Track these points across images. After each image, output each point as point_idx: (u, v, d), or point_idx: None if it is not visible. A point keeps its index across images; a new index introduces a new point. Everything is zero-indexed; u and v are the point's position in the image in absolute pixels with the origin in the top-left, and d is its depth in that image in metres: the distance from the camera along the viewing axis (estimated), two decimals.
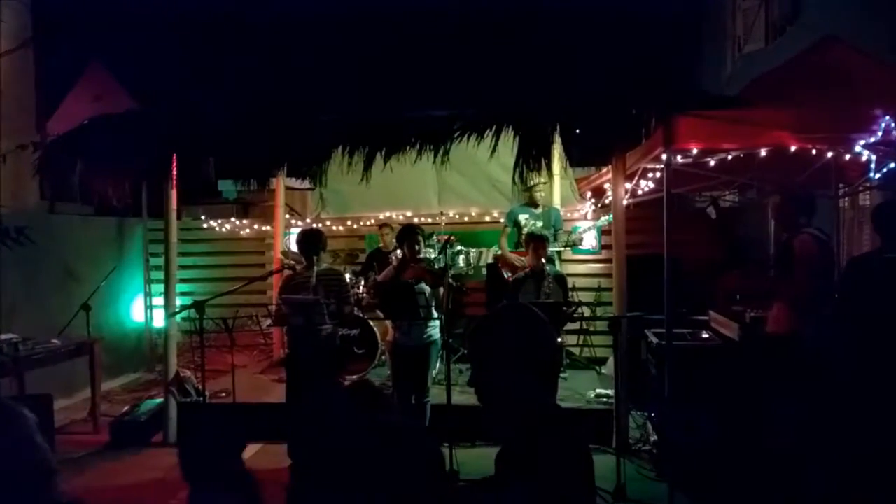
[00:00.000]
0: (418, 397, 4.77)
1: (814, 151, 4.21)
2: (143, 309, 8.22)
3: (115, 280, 7.42)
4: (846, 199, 5.93)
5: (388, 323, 5.02)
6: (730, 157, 4.37)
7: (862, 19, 5.69)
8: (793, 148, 3.99)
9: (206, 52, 9.80)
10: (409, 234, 4.84)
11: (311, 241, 4.74)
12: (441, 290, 4.86)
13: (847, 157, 4.31)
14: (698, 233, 6.49)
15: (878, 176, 4.47)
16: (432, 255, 6.74)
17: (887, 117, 3.74)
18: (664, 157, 4.06)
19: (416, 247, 4.81)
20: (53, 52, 8.99)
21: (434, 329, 4.81)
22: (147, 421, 5.59)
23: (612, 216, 5.29)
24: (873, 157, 4.21)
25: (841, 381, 3.82)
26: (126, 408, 6.00)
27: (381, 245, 7.22)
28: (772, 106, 4.07)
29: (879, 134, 3.78)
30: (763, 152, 4.21)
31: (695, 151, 4.10)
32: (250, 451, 5.09)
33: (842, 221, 5.90)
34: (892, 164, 4.30)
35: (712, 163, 4.44)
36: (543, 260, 5.63)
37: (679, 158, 4.20)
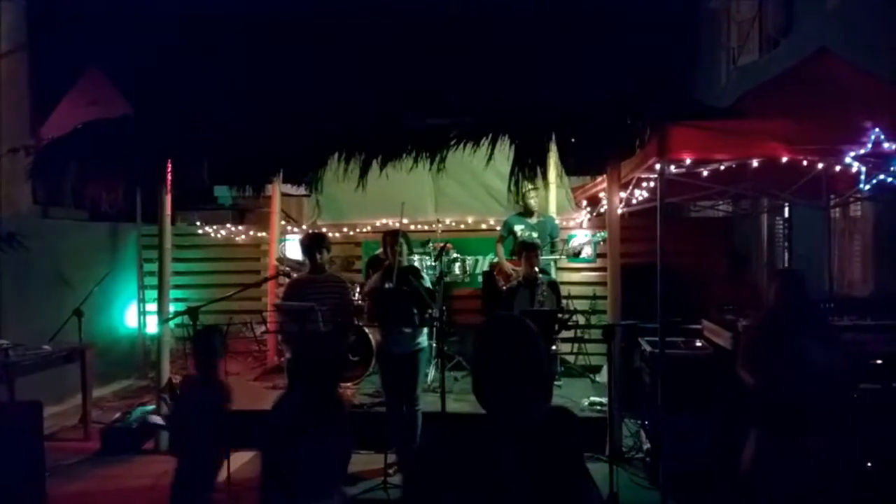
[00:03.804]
0: (408, 406, 4.74)
1: (805, 162, 4.26)
2: (136, 315, 8.19)
3: (108, 285, 7.38)
4: (837, 209, 5.98)
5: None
6: (722, 168, 4.41)
7: (854, 33, 5.77)
8: (784, 159, 4.04)
9: (201, 56, 9.80)
10: (393, 237, 4.84)
11: (316, 243, 4.79)
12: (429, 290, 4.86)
13: (837, 168, 4.36)
14: (692, 242, 6.52)
15: (867, 187, 4.52)
16: (428, 263, 6.75)
17: (877, 129, 3.80)
18: (658, 167, 4.10)
19: (397, 248, 4.79)
20: (49, 54, 8.96)
21: (423, 337, 4.80)
22: (139, 428, 5.55)
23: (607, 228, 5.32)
24: (863, 169, 4.26)
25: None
26: (118, 414, 5.96)
27: (378, 252, 7.22)
28: (764, 117, 4.12)
29: (869, 146, 3.83)
30: (755, 163, 4.25)
31: (688, 162, 4.14)
32: (242, 458, 5.07)
33: (833, 232, 5.96)
34: (882, 176, 4.35)
35: (705, 173, 4.48)
36: (536, 268, 5.65)
37: (673, 168, 4.24)
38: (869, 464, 3.72)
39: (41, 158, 5.52)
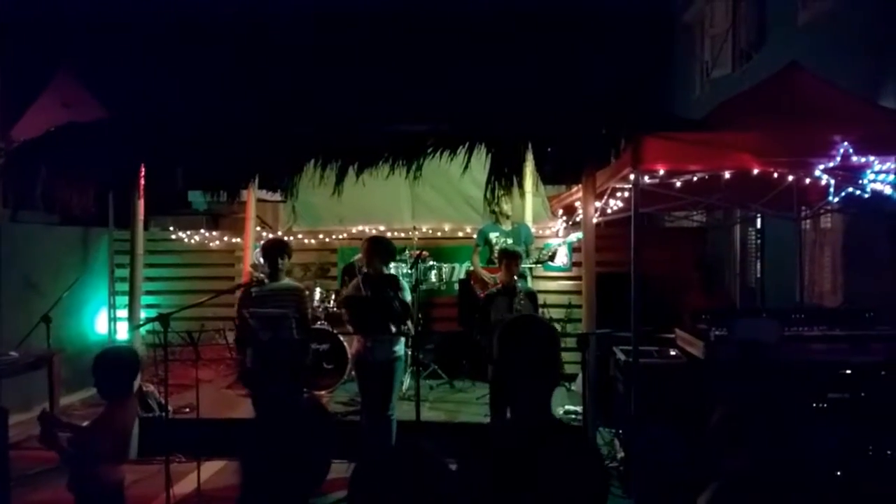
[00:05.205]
0: (382, 415, 4.72)
1: (775, 175, 4.34)
2: (106, 321, 8.02)
3: (78, 291, 7.22)
4: (808, 221, 6.09)
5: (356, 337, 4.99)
6: (695, 179, 4.47)
7: (824, 49, 5.90)
8: (755, 171, 4.10)
9: (176, 60, 9.70)
10: (376, 246, 4.82)
11: (278, 249, 4.75)
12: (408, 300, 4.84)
13: (808, 180, 4.44)
14: (666, 252, 6.60)
15: (836, 199, 4.61)
16: (404, 270, 6.73)
17: (845, 143, 3.87)
18: (632, 177, 4.14)
19: (378, 257, 4.78)
20: (21, 56, 8.80)
21: (399, 346, 4.78)
22: None
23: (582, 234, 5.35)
24: (832, 182, 4.35)
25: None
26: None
27: (354, 259, 7.19)
28: (737, 130, 4.18)
29: (838, 159, 3.90)
30: (727, 174, 4.31)
31: (662, 172, 4.19)
32: (214, 467, 4.99)
33: (804, 243, 6.07)
34: (851, 189, 4.44)
35: (678, 184, 4.53)
36: (515, 276, 5.65)
37: (647, 179, 4.28)
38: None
39: (11, 161, 5.41)
